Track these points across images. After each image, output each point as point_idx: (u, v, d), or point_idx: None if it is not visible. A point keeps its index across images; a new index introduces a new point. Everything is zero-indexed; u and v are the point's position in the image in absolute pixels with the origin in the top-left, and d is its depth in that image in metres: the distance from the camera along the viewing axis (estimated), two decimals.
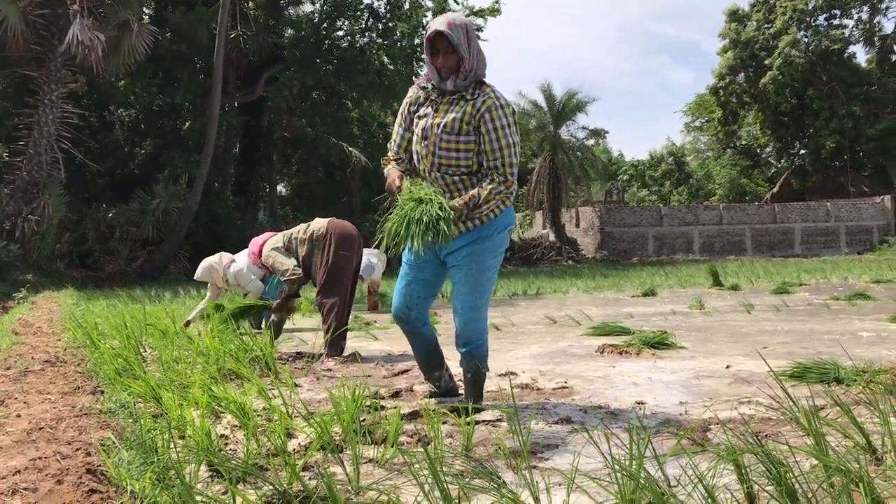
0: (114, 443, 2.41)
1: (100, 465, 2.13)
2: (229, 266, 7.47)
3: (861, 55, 42.22)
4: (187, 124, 26.05)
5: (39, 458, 2.20)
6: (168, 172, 22.47)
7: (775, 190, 44.25)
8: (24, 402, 3.16)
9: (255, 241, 6.92)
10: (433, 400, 3.58)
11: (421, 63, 30.43)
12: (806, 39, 39.89)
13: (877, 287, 11.69)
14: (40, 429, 2.62)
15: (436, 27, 3.28)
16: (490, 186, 3.26)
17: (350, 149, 26.57)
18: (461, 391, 3.77)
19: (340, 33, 27.80)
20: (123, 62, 19.45)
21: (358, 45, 27.12)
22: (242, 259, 7.50)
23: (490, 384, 3.73)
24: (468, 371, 3.48)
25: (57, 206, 18.42)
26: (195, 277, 8.21)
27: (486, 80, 3.38)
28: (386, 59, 26.73)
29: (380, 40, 27.06)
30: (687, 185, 55.24)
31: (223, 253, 7.87)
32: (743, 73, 42.46)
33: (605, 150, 60.11)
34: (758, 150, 48.64)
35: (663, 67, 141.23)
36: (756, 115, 44.53)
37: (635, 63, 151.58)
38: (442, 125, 3.33)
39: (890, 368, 3.69)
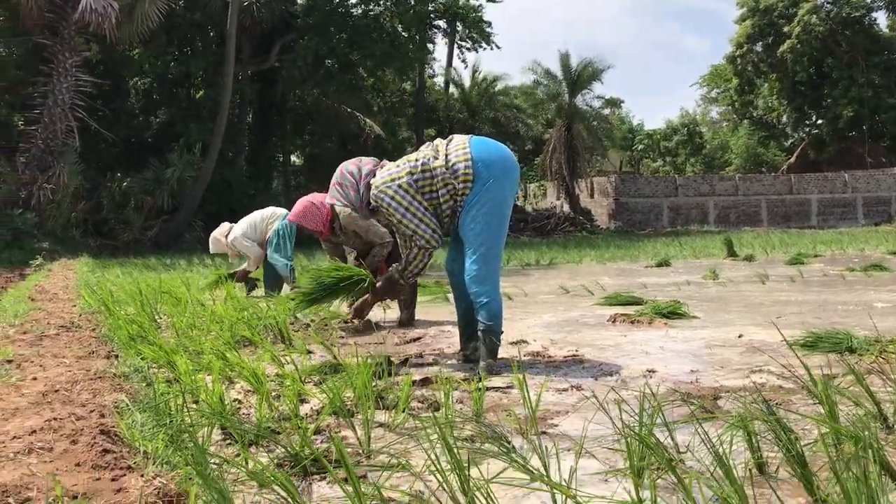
0: (127, 405, 2.44)
1: (113, 427, 2.16)
2: (228, 235, 7.77)
3: (882, 21, 41.08)
4: (201, 93, 26.02)
5: (55, 418, 2.23)
6: (182, 141, 22.49)
7: (792, 160, 43.71)
8: (40, 366, 3.21)
9: (316, 199, 5.88)
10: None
11: (434, 29, 30.13)
12: (827, 6, 39.02)
13: (893, 258, 11.58)
14: (55, 391, 2.65)
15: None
16: (405, 254, 3.79)
17: (364, 118, 26.47)
18: None
19: (354, 1, 27.55)
20: (137, 30, 19.44)
21: (372, 12, 26.87)
22: (239, 227, 7.72)
23: (501, 352, 3.74)
24: (478, 325, 3.66)
25: (72, 175, 18.52)
26: (210, 251, 8.46)
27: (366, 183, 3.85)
28: (399, 27, 26.49)
29: (394, 8, 26.79)
30: (700, 156, 54.66)
31: (224, 223, 8.07)
32: (761, 42, 41.71)
33: (622, 120, 59.52)
34: (774, 121, 47.97)
35: (680, 35, 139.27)
36: (773, 85, 43.84)
37: (651, 32, 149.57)
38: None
39: None
